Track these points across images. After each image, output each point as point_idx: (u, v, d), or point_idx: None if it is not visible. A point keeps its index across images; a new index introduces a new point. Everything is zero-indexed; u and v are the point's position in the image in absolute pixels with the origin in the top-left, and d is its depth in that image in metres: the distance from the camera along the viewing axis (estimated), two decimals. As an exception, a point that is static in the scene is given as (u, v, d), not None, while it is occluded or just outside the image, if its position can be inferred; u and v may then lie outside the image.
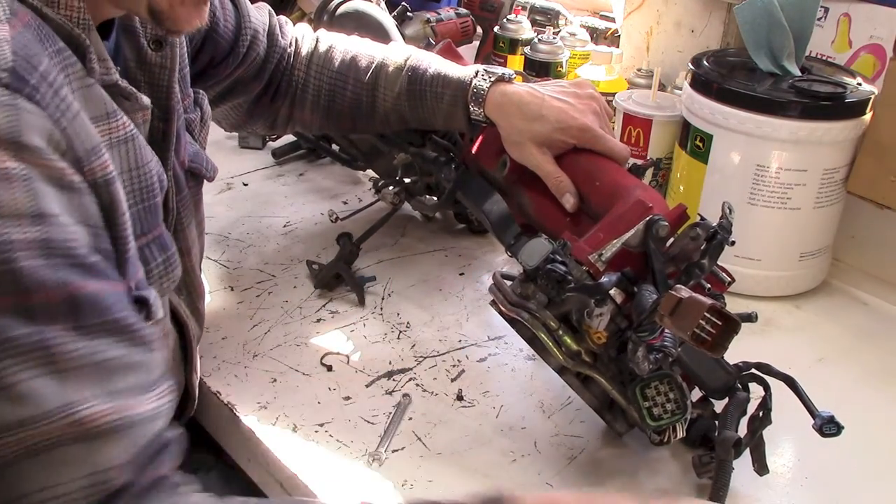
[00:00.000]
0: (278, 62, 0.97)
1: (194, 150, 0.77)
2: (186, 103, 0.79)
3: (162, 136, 0.69)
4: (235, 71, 0.92)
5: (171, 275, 0.66)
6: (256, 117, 1.02)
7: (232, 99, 0.97)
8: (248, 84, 0.95)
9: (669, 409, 0.71)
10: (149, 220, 0.63)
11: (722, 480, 0.73)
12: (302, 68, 0.99)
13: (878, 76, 1.09)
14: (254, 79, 0.95)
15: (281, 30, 0.99)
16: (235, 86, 0.95)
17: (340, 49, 1.00)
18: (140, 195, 0.62)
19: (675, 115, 1.13)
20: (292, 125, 1.04)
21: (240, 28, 0.90)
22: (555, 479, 0.78)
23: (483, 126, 0.96)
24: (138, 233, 0.62)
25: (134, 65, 0.67)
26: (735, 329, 0.62)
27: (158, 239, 0.65)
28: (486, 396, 0.88)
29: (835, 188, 1.03)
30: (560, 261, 0.72)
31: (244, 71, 0.93)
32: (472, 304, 1.03)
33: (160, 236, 0.65)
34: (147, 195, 0.63)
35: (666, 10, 1.32)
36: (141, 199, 0.63)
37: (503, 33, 1.42)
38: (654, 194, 0.81)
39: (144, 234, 0.63)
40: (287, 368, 0.90)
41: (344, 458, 0.79)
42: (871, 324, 1.05)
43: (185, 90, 0.78)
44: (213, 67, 0.89)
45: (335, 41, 1.01)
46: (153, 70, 0.68)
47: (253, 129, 1.06)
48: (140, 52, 0.67)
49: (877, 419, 0.88)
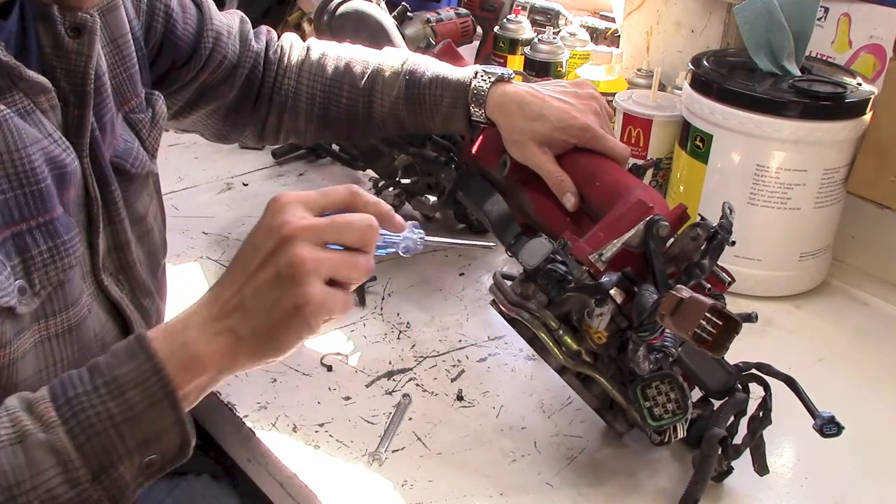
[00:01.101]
0: (253, 67, 0.97)
1: (126, 146, 0.76)
2: (134, 103, 0.78)
3: (77, 123, 0.68)
4: (200, 74, 0.91)
5: (61, 263, 0.64)
6: (240, 126, 1.01)
7: (204, 105, 0.95)
8: (217, 88, 0.94)
9: (670, 409, 0.71)
10: (31, 205, 0.62)
11: (701, 475, 0.73)
12: (292, 77, 0.99)
13: (878, 76, 1.09)
14: (223, 83, 0.94)
15: (257, 36, 0.98)
16: (205, 91, 0.94)
17: (333, 56, 0.99)
18: (16, 180, 0.61)
19: (675, 115, 1.13)
20: (284, 135, 1.03)
21: (201, 30, 0.89)
22: (555, 479, 0.78)
23: (482, 127, 0.95)
24: (15, 219, 0.61)
25: (50, 51, 0.67)
26: (736, 329, 0.62)
27: (47, 225, 0.63)
28: (486, 396, 0.88)
29: (835, 188, 1.03)
30: (560, 260, 0.72)
31: (210, 75, 0.92)
32: (472, 304, 1.03)
33: (50, 222, 0.63)
34: (27, 180, 0.61)
35: (666, 10, 1.32)
36: (19, 185, 0.61)
37: (503, 33, 1.42)
38: (655, 194, 0.81)
39: (25, 220, 0.62)
40: (287, 368, 0.90)
41: (344, 458, 0.79)
42: (871, 324, 1.05)
43: (133, 89, 0.78)
44: (176, 70, 0.89)
45: (327, 48, 1.00)
46: (70, 57, 0.67)
47: (239, 139, 1.05)
48: (57, 39, 0.67)
49: (877, 419, 0.88)
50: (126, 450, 0.57)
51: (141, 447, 0.58)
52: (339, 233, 0.61)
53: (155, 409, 0.58)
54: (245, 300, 0.60)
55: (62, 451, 0.56)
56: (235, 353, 0.61)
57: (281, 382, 0.88)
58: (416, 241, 0.69)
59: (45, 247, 0.63)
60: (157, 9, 0.83)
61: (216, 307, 0.61)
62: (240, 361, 0.61)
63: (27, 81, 0.63)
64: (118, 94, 0.76)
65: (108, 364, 0.59)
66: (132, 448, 0.58)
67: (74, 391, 0.58)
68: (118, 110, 0.76)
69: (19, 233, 0.62)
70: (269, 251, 0.60)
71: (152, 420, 0.58)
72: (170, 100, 0.89)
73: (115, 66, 0.76)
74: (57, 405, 0.57)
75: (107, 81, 0.73)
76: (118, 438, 0.57)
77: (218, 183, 1.30)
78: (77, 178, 0.67)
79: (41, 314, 0.65)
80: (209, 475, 0.90)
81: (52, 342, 0.66)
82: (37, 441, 0.56)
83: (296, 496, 0.77)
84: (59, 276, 0.65)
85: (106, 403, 0.57)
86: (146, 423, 0.58)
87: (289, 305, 0.59)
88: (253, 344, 0.61)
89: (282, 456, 0.79)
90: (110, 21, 0.75)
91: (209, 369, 0.60)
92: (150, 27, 0.83)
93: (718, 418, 0.75)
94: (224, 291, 0.61)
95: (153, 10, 0.83)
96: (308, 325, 0.60)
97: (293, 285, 0.59)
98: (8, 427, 0.56)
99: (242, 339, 0.60)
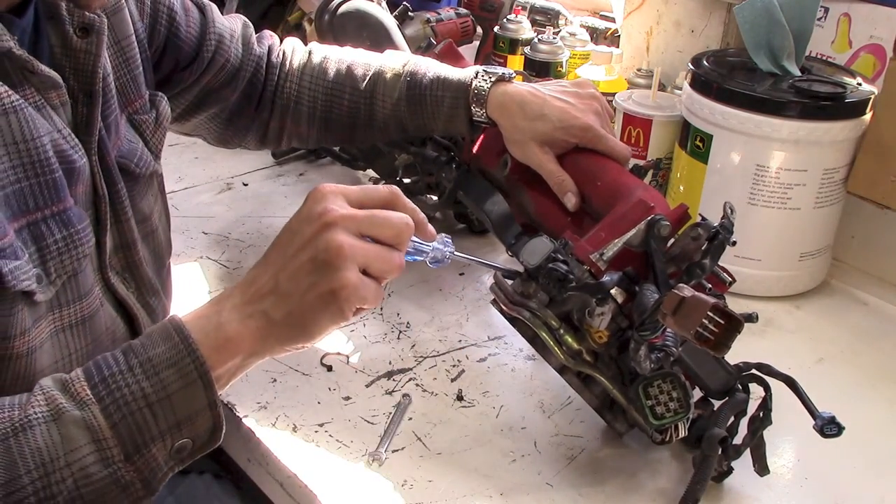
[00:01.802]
0: (255, 70, 0.97)
1: (130, 147, 0.77)
2: (138, 104, 0.79)
3: (85, 121, 0.69)
4: (203, 77, 0.92)
5: (75, 251, 0.66)
6: (242, 130, 1.01)
7: (207, 108, 0.96)
8: (219, 91, 0.95)
9: (672, 408, 0.71)
10: (45, 194, 0.63)
11: (701, 475, 0.73)
12: (294, 80, 0.99)
13: (878, 76, 1.09)
14: (226, 86, 0.95)
15: (259, 40, 0.99)
16: (207, 94, 0.94)
17: (335, 59, 0.99)
18: (31, 169, 0.62)
19: (675, 115, 1.13)
20: (287, 139, 1.04)
21: (204, 33, 0.90)
22: (555, 479, 0.77)
23: (484, 128, 0.95)
24: (31, 208, 0.62)
25: (60, 51, 0.68)
26: (738, 328, 0.62)
27: (61, 215, 0.64)
28: (486, 396, 0.88)
29: (835, 188, 1.03)
30: (562, 260, 0.72)
31: (213, 78, 0.93)
32: (472, 304, 1.03)
33: (64, 212, 0.65)
34: (41, 169, 0.62)
35: (666, 10, 1.32)
36: (34, 174, 0.62)
37: (503, 33, 1.42)
38: (656, 194, 0.81)
39: (40, 209, 0.63)
40: (287, 368, 0.90)
41: (344, 458, 0.79)
42: (871, 324, 1.05)
43: (137, 91, 0.79)
44: (179, 72, 0.89)
45: (328, 52, 1.01)
46: (78, 56, 0.69)
47: (241, 144, 1.05)
48: (66, 39, 0.68)
49: (877, 419, 0.88)
50: (159, 431, 0.58)
51: (174, 429, 0.58)
52: (378, 226, 0.63)
53: (189, 389, 0.58)
54: (280, 284, 0.61)
55: (96, 429, 0.56)
56: (267, 336, 0.61)
57: (281, 382, 0.88)
58: (446, 254, 0.70)
59: (60, 235, 0.64)
60: (161, 12, 0.84)
61: (250, 291, 0.62)
62: (270, 344, 0.62)
63: (39, 76, 0.64)
64: (122, 96, 0.77)
65: (143, 345, 0.60)
66: (165, 429, 0.58)
67: (109, 370, 0.58)
68: (122, 111, 0.77)
69: (34, 222, 0.63)
70: (308, 237, 0.61)
71: (186, 401, 0.58)
72: (173, 102, 0.90)
73: (119, 67, 0.77)
74: (91, 384, 0.58)
75: (111, 82, 0.74)
76: (152, 418, 0.57)
77: (218, 183, 1.30)
78: (85, 176, 0.68)
79: (56, 304, 0.66)
80: (211, 474, 0.90)
81: (67, 333, 0.67)
82: (72, 418, 0.56)
83: (296, 496, 0.77)
84: (74, 264, 0.66)
85: (140, 383, 0.58)
86: (180, 404, 0.58)
87: (324, 289, 0.60)
88: (285, 327, 0.61)
89: (282, 456, 0.79)
90: (115, 23, 0.76)
91: (241, 351, 0.61)
92: (153, 30, 0.84)
93: (719, 418, 0.75)
94: (259, 276, 0.63)
95: (157, 12, 0.84)
96: (341, 311, 0.61)
97: (330, 270, 0.60)
98: (43, 405, 0.57)
99: (275, 322, 0.61)
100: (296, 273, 0.61)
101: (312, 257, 0.61)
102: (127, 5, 0.78)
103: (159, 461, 0.59)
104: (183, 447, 0.59)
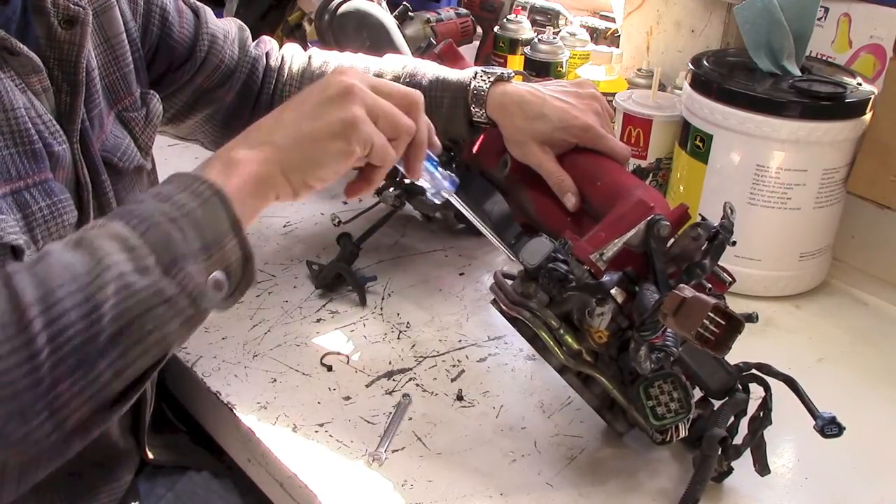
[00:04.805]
0: (251, 72, 0.97)
1: (115, 142, 0.78)
2: (128, 101, 0.80)
3: (68, 111, 0.70)
4: (196, 77, 0.92)
5: (61, 219, 0.66)
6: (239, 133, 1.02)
7: (202, 109, 0.96)
8: (214, 92, 0.95)
9: (673, 408, 0.71)
10: (26, 164, 0.64)
11: (701, 475, 0.73)
12: (294, 84, 0.99)
13: (878, 76, 1.09)
14: (220, 87, 0.95)
15: (257, 44, 0.99)
16: (201, 94, 0.95)
17: (335, 63, 1.00)
18: (10, 138, 0.63)
19: (675, 115, 1.13)
20: None
21: (197, 34, 0.91)
22: (555, 479, 0.77)
23: (483, 128, 0.95)
24: (13, 176, 0.63)
25: (44, 42, 0.70)
26: (739, 328, 0.62)
27: (43, 184, 0.65)
28: (486, 396, 0.88)
29: (835, 188, 1.03)
30: (561, 260, 0.72)
31: (207, 79, 0.93)
32: (472, 304, 1.03)
33: (45, 182, 0.66)
34: (20, 139, 0.64)
35: (666, 10, 1.32)
36: (13, 143, 0.63)
37: (503, 33, 1.42)
38: (656, 194, 0.81)
39: (22, 178, 0.64)
40: (287, 368, 0.90)
41: (344, 458, 0.79)
42: (871, 324, 1.05)
43: (127, 88, 0.80)
44: (172, 73, 0.90)
45: (329, 57, 1.01)
46: (62, 46, 0.70)
47: None
48: (50, 31, 0.70)
49: (877, 419, 0.88)
50: (189, 249, 0.56)
51: (203, 251, 0.57)
52: (388, 93, 0.67)
53: (207, 207, 0.58)
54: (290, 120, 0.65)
55: (125, 237, 0.55)
56: (274, 161, 0.63)
57: (281, 382, 0.88)
58: (448, 188, 0.78)
59: (44, 203, 0.65)
60: (153, 12, 0.86)
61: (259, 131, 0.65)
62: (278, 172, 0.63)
63: (19, 58, 0.65)
64: (110, 93, 0.78)
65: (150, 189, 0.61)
66: (196, 249, 0.56)
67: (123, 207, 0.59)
68: (111, 108, 0.78)
69: (17, 190, 0.63)
70: (323, 87, 0.66)
71: (207, 218, 0.58)
72: (168, 102, 0.91)
73: (107, 65, 0.78)
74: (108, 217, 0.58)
75: (96, 77, 0.75)
76: (178, 232, 0.56)
77: (217, 183, 1.30)
78: (66, 163, 0.69)
79: None
80: (210, 472, 0.90)
81: None
82: (95, 234, 0.55)
83: (296, 496, 0.77)
84: (60, 232, 0.66)
85: (158, 206, 0.57)
86: (203, 222, 0.57)
87: (334, 118, 0.64)
88: (292, 152, 0.63)
89: (281, 456, 0.79)
90: (104, 21, 0.77)
91: (249, 172, 0.62)
92: (146, 29, 0.85)
93: (719, 418, 0.75)
94: (267, 119, 0.66)
95: (149, 12, 0.85)
96: (348, 141, 0.64)
97: (342, 103, 0.64)
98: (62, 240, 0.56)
99: (282, 148, 0.63)
100: (307, 112, 0.64)
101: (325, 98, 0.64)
102: (118, 4, 0.79)
103: (200, 283, 0.56)
104: (219, 283, 0.58)
